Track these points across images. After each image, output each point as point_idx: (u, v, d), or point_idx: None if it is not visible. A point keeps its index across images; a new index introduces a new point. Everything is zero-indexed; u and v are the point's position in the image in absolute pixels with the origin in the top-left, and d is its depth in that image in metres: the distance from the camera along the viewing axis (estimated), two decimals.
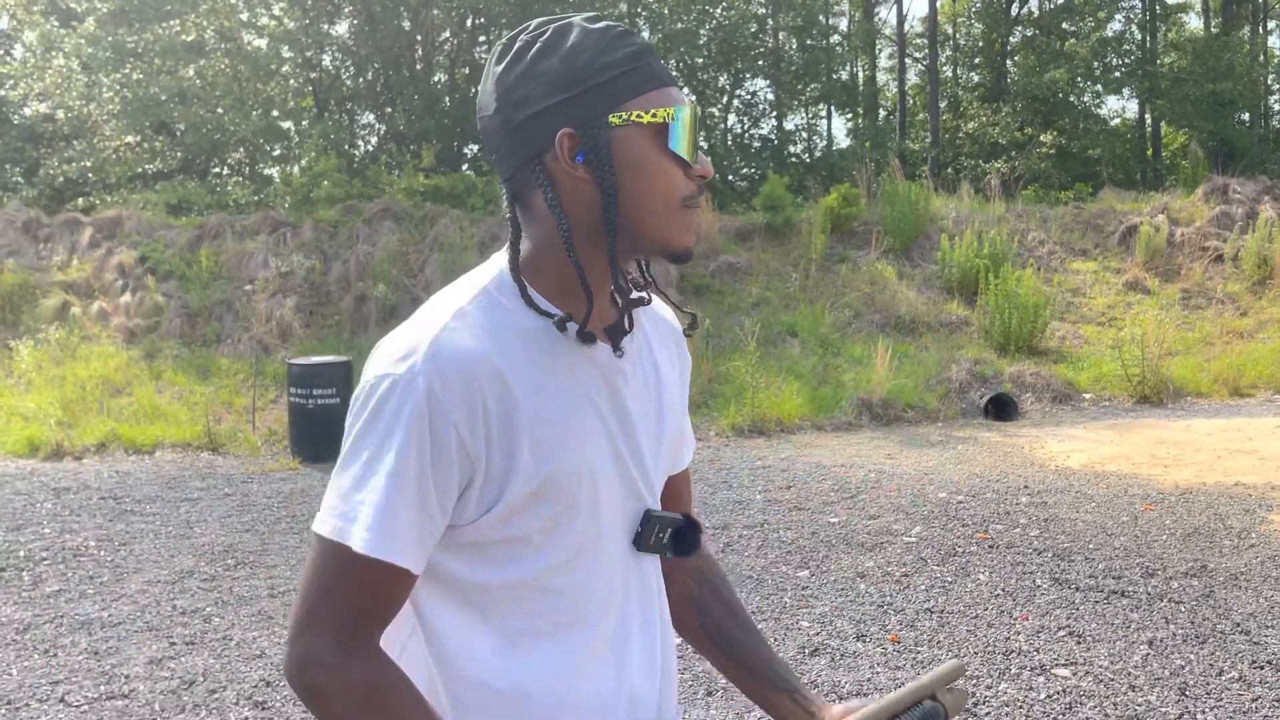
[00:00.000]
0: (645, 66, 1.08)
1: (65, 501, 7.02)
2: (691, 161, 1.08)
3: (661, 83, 1.08)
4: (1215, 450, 8.08)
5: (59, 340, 11.24)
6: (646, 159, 1.07)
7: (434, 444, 1.01)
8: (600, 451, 1.11)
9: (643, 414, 1.16)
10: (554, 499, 1.08)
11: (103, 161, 16.25)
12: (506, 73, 1.08)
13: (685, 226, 1.09)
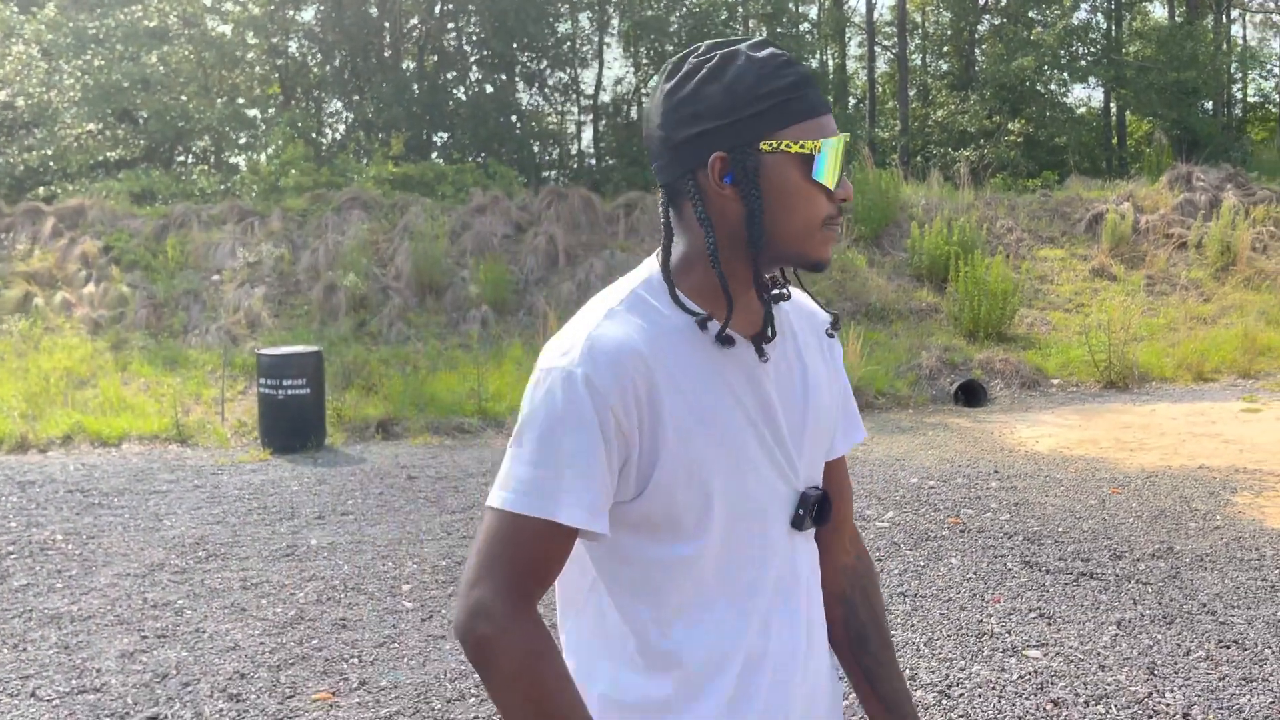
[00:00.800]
0: (800, 98, 1.18)
1: (31, 495, 6.92)
2: (834, 188, 1.19)
3: (814, 113, 1.18)
4: (1180, 434, 8.20)
5: (22, 331, 11.07)
6: (791, 185, 1.17)
7: (594, 425, 1.14)
8: (744, 438, 1.20)
9: (787, 405, 1.25)
10: (699, 480, 1.18)
11: (64, 150, 16.00)
12: (674, 92, 1.20)
13: (824, 242, 1.20)
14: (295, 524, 6.08)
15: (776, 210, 1.18)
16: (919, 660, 3.83)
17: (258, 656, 4.02)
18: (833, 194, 1.19)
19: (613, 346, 1.16)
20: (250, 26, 18.66)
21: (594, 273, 12.33)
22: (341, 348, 11.04)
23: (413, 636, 4.21)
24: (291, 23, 18.96)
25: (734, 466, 1.20)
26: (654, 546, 1.21)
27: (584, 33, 21.32)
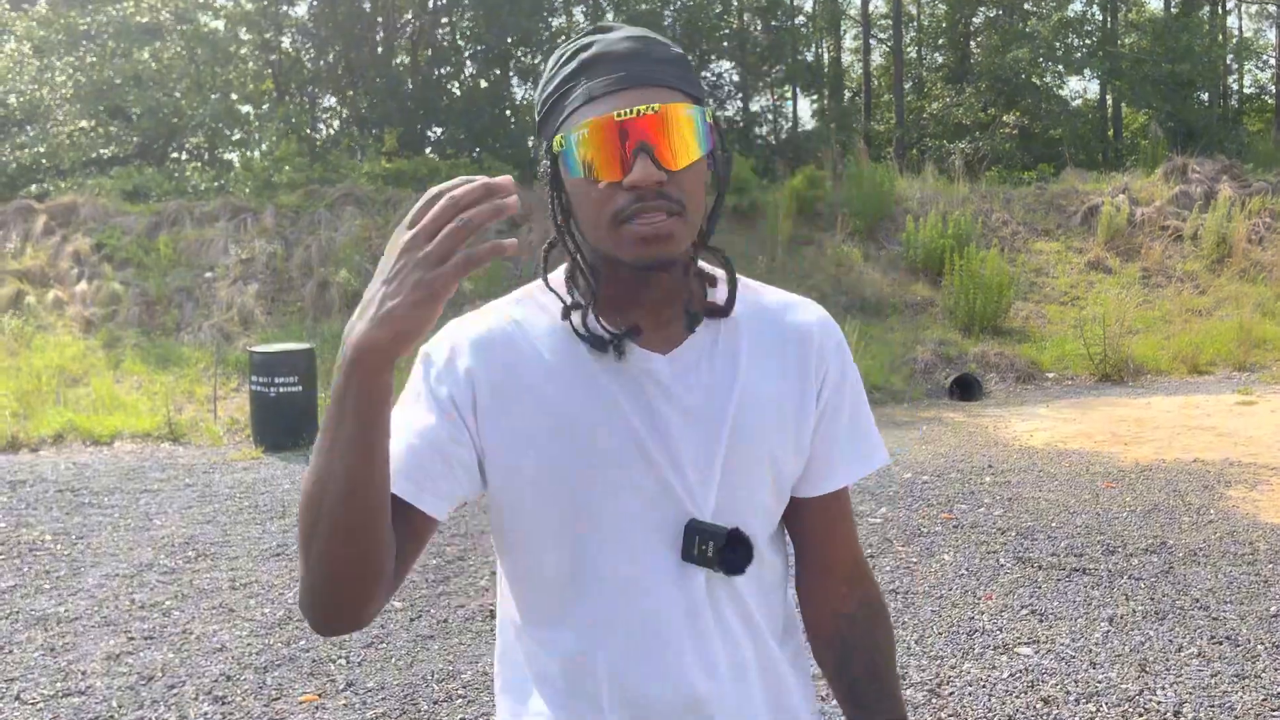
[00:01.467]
0: (579, 85, 1.08)
1: (20, 494, 6.89)
2: (605, 177, 1.04)
3: (588, 99, 1.06)
4: (1174, 427, 8.18)
5: (13, 330, 11.03)
6: (569, 185, 1.09)
7: (433, 398, 1.11)
8: (618, 453, 1.10)
9: (693, 424, 1.11)
10: (542, 489, 1.10)
11: (56, 147, 15.93)
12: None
13: (627, 240, 1.05)
14: (286, 523, 6.05)
15: (575, 212, 1.10)
16: (910, 658, 3.80)
17: (244, 658, 4.00)
18: (620, 183, 1.04)
19: (461, 331, 1.15)
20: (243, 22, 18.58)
21: None
22: (335, 345, 11.00)
23: (400, 636, 4.19)
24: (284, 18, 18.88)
25: (595, 481, 1.10)
26: (507, 552, 1.17)
27: (578, 26, 21.24)
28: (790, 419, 1.17)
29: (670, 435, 1.11)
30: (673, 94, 1.07)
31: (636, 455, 1.10)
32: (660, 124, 1.04)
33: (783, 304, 1.22)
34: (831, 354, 1.20)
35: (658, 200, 1.04)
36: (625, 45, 1.08)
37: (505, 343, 1.14)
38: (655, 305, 1.13)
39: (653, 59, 1.08)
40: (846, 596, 1.24)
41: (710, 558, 1.10)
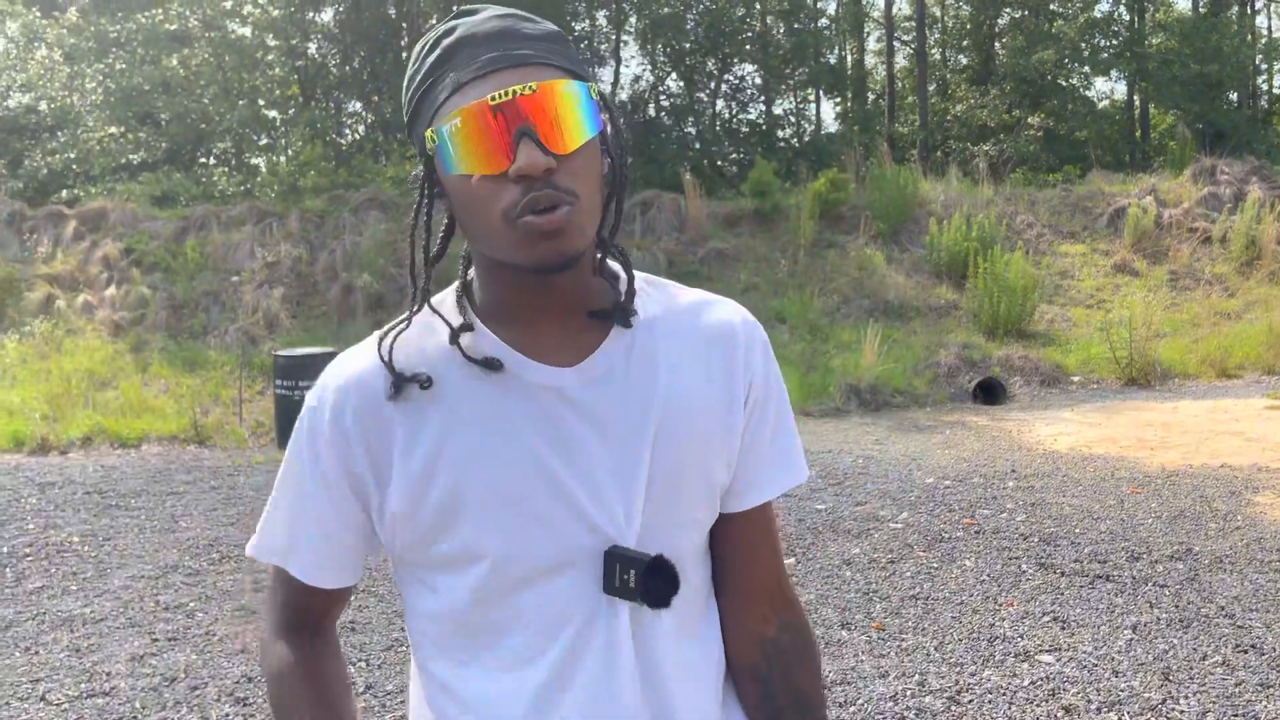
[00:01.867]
0: (447, 74, 0.97)
1: (50, 496, 6.98)
2: (488, 170, 0.94)
3: (456, 88, 0.96)
4: (1202, 432, 8.09)
5: (44, 334, 11.18)
6: (449, 185, 0.99)
7: (313, 461, 1.06)
8: (525, 482, 1.00)
9: (607, 440, 1.02)
10: (450, 529, 1.01)
11: (86, 153, 16.14)
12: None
13: (520, 243, 0.95)
14: None
15: (458, 215, 1.01)
16: (929, 665, 3.78)
17: None
18: (505, 175, 0.93)
19: (341, 378, 1.05)
20: (270, 29, 18.77)
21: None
22: None
23: None
24: (311, 24, 19.06)
25: (503, 513, 1.00)
26: (417, 597, 1.09)
27: (601, 30, 21.30)
28: (718, 426, 1.07)
29: (583, 456, 1.01)
30: (551, 71, 0.96)
31: (540, 485, 1.00)
32: (541, 104, 0.93)
33: (701, 303, 1.11)
34: (757, 357, 1.10)
35: (548, 190, 0.93)
36: (492, 25, 0.98)
37: (394, 381, 1.02)
38: (559, 313, 1.04)
39: (523, 36, 0.98)
40: (768, 619, 1.13)
41: (632, 588, 1.00)
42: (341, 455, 1.03)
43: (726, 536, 1.12)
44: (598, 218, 1.00)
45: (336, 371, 1.06)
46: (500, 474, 1.00)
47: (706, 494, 1.08)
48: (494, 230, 0.95)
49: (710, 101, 21.02)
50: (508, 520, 1.00)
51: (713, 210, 14.32)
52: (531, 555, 1.01)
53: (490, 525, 1.00)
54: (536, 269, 0.96)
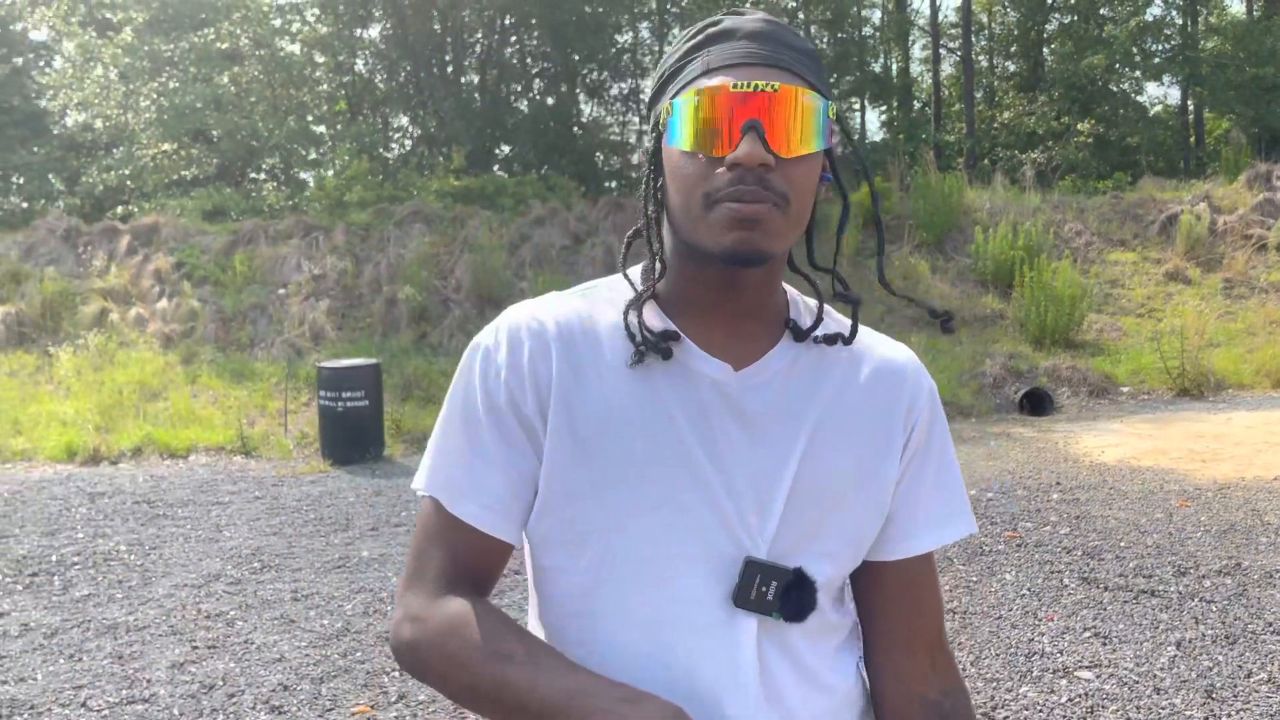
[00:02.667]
0: (704, 55, 1.00)
1: (99, 506, 7.13)
2: (706, 150, 0.95)
3: (706, 69, 0.98)
4: (1255, 444, 7.89)
5: (97, 346, 11.44)
6: (666, 157, 1.00)
7: (485, 399, 1.03)
8: (654, 461, 0.99)
9: (756, 444, 1.00)
10: (591, 496, 0.99)
11: (140, 169, 16.52)
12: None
13: (715, 226, 0.95)
14: (349, 535, 6.16)
15: (668, 189, 1.01)
16: (965, 680, 3.72)
17: (302, 668, 4.08)
18: (721, 160, 0.94)
19: (520, 320, 1.05)
20: (318, 46, 19.09)
21: None
22: (402, 359, 11.19)
23: None
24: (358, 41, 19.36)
25: (628, 496, 0.98)
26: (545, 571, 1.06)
27: (644, 43, 21.38)
28: (870, 465, 1.04)
29: (730, 453, 1.00)
30: (797, 79, 0.98)
31: (682, 471, 0.99)
32: (777, 104, 0.95)
33: (876, 339, 1.12)
34: (924, 402, 1.08)
35: (757, 186, 0.94)
36: (757, 24, 1.00)
37: (565, 336, 1.03)
38: (735, 314, 1.04)
39: (783, 42, 1.00)
40: (929, 680, 1.09)
41: (770, 601, 0.97)
42: (513, 394, 1.02)
43: (881, 585, 1.10)
44: (800, 231, 1.01)
45: (514, 315, 1.06)
46: (646, 454, 0.99)
47: (847, 530, 1.04)
48: (693, 209, 0.96)
49: None
50: (639, 498, 0.99)
51: None
52: (656, 544, 0.99)
53: (627, 500, 0.99)
54: (725, 256, 0.96)
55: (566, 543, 1.02)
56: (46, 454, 8.92)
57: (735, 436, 1.00)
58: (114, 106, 17.25)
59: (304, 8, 19.73)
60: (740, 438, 1.00)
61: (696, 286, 1.03)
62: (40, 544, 6.11)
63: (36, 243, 13.73)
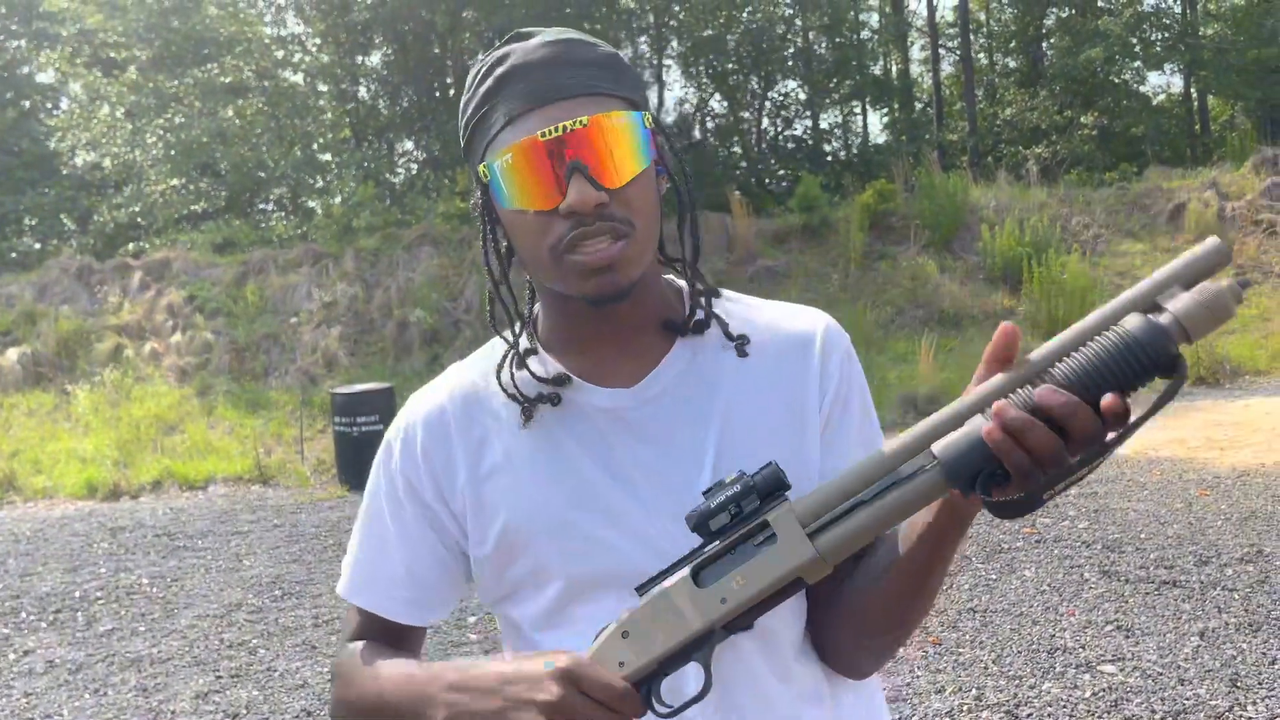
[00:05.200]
0: (499, 104, 0.97)
1: (121, 540, 7.18)
2: (539, 206, 0.94)
3: (508, 119, 0.96)
4: (1274, 430, 7.83)
5: (114, 382, 11.53)
6: (501, 217, 1.01)
7: (389, 498, 1.08)
8: (571, 506, 1.00)
9: (669, 458, 1.00)
10: (516, 557, 1.03)
11: (150, 206, 16.66)
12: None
13: (570, 273, 0.95)
14: None
15: (514, 246, 1.02)
16: (986, 679, 3.71)
17: (324, 694, 4.09)
18: (555, 212, 0.94)
19: (417, 411, 1.09)
20: (321, 74, 19.24)
21: None
22: (416, 382, 11.21)
23: None
24: (360, 68, 19.50)
25: (561, 541, 1.00)
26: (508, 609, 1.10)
27: (644, 57, 21.46)
28: (792, 441, 1.02)
29: (642, 477, 1.00)
30: (604, 101, 0.96)
31: (595, 511, 1.00)
32: (592, 138, 0.93)
33: (779, 314, 1.09)
34: (835, 365, 1.05)
35: (600, 224, 0.94)
36: (543, 52, 0.97)
37: (461, 414, 1.06)
38: (619, 337, 1.04)
39: (576, 64, 0.97)
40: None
41: None
42: (414, 486, 1.06)
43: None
44: (652, 244, 1.00)
45: (410, 408, 1.10)
46: (553, 502, 1.01)
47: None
48: (543, 263, 0.97)
49: (755, 120, 21.03)
50: (567, 546, 1.01)
51: (761, 228, 14.29)
52: (597, 577, 1.01)
53: (552, 552, 1.01)
54: (592, 301, 0.97)
55: (519, 592, 1.06)
56: (67, 491, 8.99)
57: (644, 456, 1.00)
58: (121, 145, 17.41)
59: (305, 37, 19.92)
60: (649, 455, 1.00)
61: (573, 322, 1.04)
62: (63, 580, 6.16)
63: (50, 282, 13.86)
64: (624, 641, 0.89)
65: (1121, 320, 0.79)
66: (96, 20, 17.55)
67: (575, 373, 1.03)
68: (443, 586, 1.10)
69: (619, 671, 0.89)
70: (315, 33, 19.35)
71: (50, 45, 19.69)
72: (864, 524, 0.83)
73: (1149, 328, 0.78)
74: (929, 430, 0.82)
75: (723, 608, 0.87)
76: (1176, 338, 0.77)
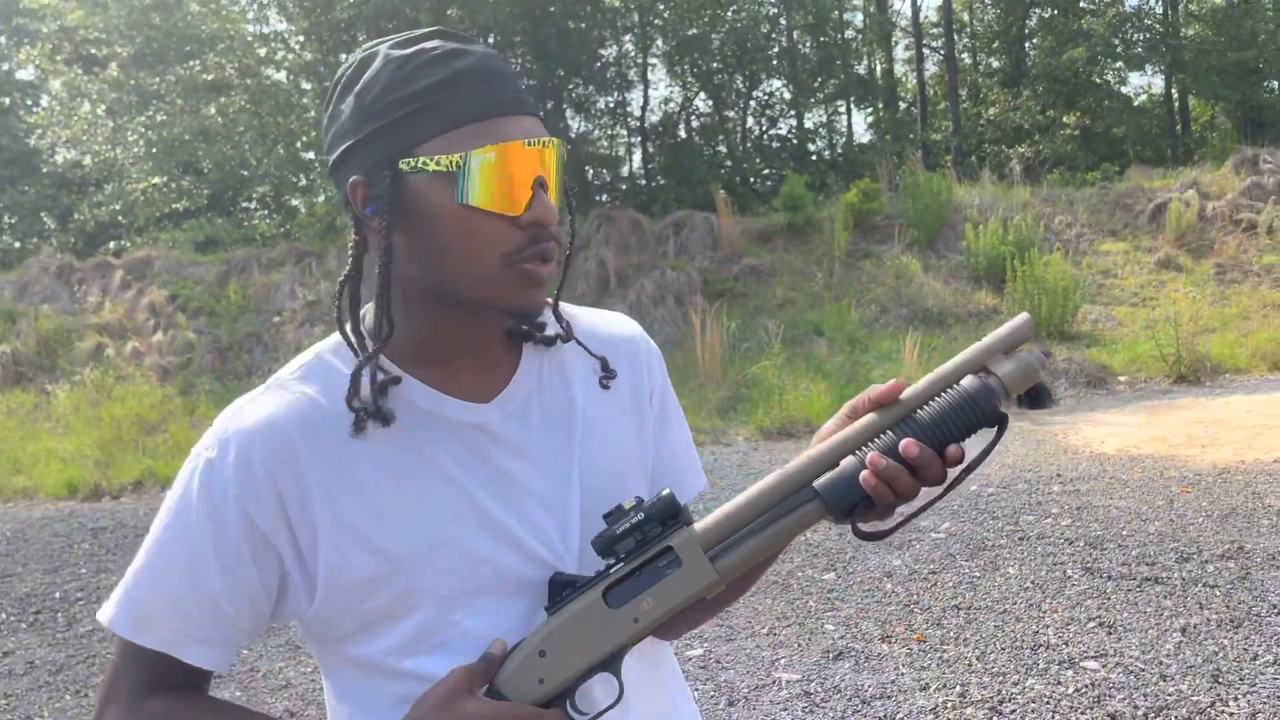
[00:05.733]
0: (448, 98, 0.93)
1: (102, 541, 7.12)
2: (504, 210, 0.93)
3: (470, 117, 0.93)
4: (1254, 427, 7.90)
5: (94, 382, 11.44)
6: (443, 211, 0.93)
7: (211, 519, 0.95)
8: (449, 520, 0.97)
9: (538, 469, 1.02)
10: (379, 587, 0.96)
11: (132, 204, 16.56)
12: (326, 108, 1.01)
13: (518, 284, 0.95)
14: None
15: (434, 245, 0.94)
16: (970, 676, 3.72)
17: (308, 694, 4.07)
18: (516, 219, 0.93)
19: (250, 425, 0.96)
20: (303, 72, 19.15)
21: (645, 293, 12.34)
22: None
23: None
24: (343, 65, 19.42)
25: (439, 557, 0.96)
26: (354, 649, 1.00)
27: (629, 55, 21.45)
28: (632, 440, 1.09)
29: (515, 489, 1.00)
30: (545, 126, 0.99)
31: (473, 523, 0.98)
32: (549, 158, 0.96)
33: (598, 320, 1.14)
34: (656, 367, 1.14)
35: (551, 243, 0.96)
36: (494, 62, 0.97)
37: (306, 427, 0.97)
38: (479, 347, 1.03)
39: (518, 81, 0.99)
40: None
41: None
42: (245, 510, 0.95)
43: None
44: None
45: (238, 418, 0.98)
46: (431, 517, 0.97)
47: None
48: (487, 268, 0.94)
49: (740, 119, 21.05)
50: (443, 563, 0.97)
51: (746, 227, 14.31)
52: (473, 591, 0.98)
53: (426, 570, 0.97)
54: (519, 312, 0.97)
55: (372, 628, 0.98)
56: (47, 491, 8.92)
57: (516, 470, 1.01)
58: (102, 142, 17.30)
59: (288, 35, 19.82)
60: (521, 469, 1.01)
61: (439, 333, 1.00)
62: (43, 581, 6.11)
63: (30, 281, 13.75)
64: (541, 660, 0.93)
65: (960, 381, 0.96)
66: (76, 17, 17.42)
67: (433, 387, 1.01)
68: (246, 627, 0.99)
69: (540, 689, 0.93)
70: (298, 30, 19.25)
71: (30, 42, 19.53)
72: (757, 548, 0.94)
73: (983, 388, 0.95)
74: (808, 466, 0.95)
75: (635, 626, 0.94)
76: (1001, 396, 0.95)
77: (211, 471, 0.96)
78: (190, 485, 0.97)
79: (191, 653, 0.97)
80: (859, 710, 3.48)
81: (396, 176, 0.94)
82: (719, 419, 9.54)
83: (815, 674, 3.82)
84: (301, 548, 0.96)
